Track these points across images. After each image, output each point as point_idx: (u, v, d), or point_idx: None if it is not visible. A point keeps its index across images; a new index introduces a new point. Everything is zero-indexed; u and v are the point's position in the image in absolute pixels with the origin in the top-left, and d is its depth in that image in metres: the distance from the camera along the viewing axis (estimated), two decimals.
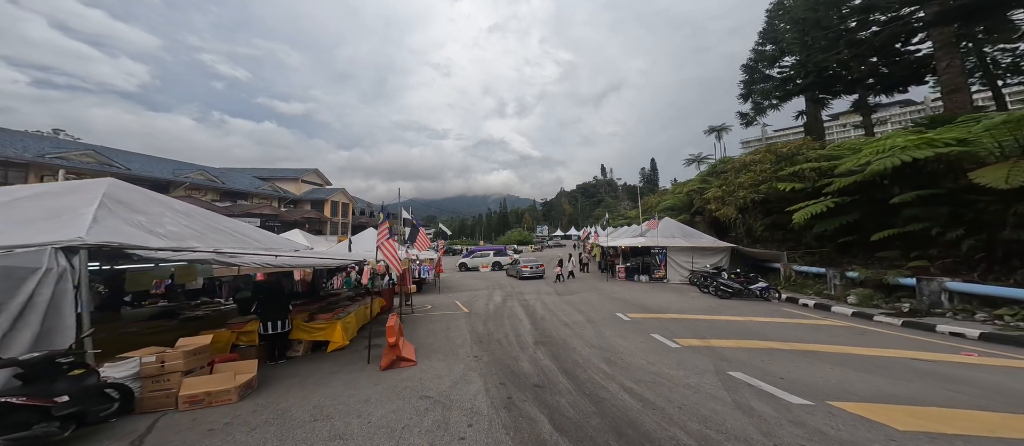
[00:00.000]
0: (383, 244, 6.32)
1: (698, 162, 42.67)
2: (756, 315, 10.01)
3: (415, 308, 12.87)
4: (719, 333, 7.97)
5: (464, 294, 16.33)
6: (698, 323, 9.07)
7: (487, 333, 8.60)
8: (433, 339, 8.15)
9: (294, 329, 6.80)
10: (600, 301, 12.93)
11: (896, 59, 25.44)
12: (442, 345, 7.62)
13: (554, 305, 12.34)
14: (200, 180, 28.25)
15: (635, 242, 19.12)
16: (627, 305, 11.90)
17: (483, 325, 9.51)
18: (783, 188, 14.88)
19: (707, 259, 17.22)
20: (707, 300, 12.68)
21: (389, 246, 6.39)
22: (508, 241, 60.79)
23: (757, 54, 34.48)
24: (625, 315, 10.32)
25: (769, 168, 15.73)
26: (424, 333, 8.79)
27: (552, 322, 9.65)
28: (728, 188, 17.98)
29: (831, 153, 15.00)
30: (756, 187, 16.01)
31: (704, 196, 22.70)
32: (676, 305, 11.72)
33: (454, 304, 13.47)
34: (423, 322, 10.19)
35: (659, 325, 8.93)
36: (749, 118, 35.06)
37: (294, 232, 16.19)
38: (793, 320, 9.44)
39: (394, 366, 5.94)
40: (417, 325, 9.81)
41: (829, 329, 8.42)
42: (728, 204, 17.49)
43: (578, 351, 6.91)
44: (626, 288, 16.10)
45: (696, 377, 5.34)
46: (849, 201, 12.62)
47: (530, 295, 14.94)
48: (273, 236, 8.05)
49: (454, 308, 12.55)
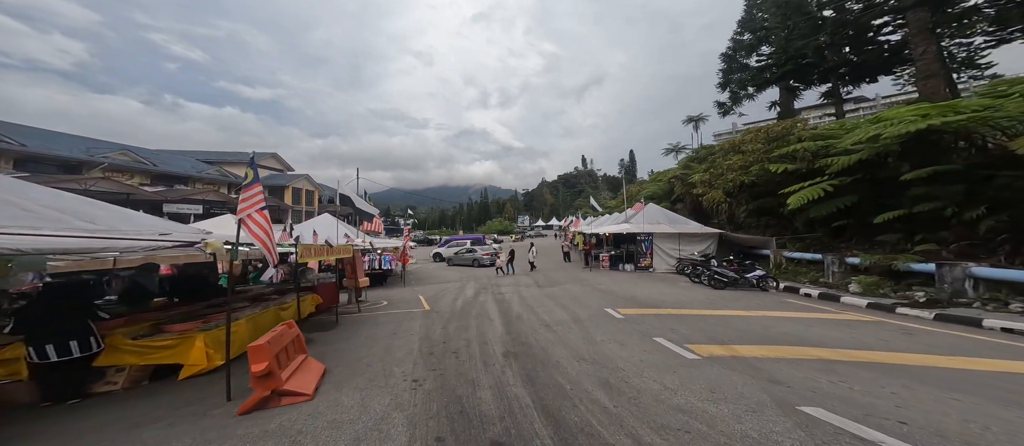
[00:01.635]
0: (250, 217, 3.88)
1: (676, 152, 42.03)
2: (764, 308, 8.38)
3: (367, 305, 10.45)
4: (738, 335, 6.15)
5: (432, 287, 14.01)
6: (705, 321, 7.26)
7: (444, 340, 6.39)
8: (364, 352, 5.85)
9: (111, 350, 4.33)
10: (585, 294, 11.02)
11: (869, 47, 25.08)
12: (373, 362, 5.35)
13: (533, 300, 10.30)
14: (123, 161, 23.95)
15: (619, 229, 17.39)
16: (616, 298, 10.04)
17: (442, 328, 7.29)
18: (775, 170, 13.47)
19: (695, 246, 15.74)
20: (701, 291, 11.04)
21: (258, 221, 3.92)
22: (488, 231, 58.46)
23: (735, 43, 33.61)
24: (616, 311, 8.42)
25: (760, 149, 14.31)
26: (358, 342, 6.47)
27: (529, 322, 7.57)
28: (716, 171, 16.53)
29: (826, 132, 13.73)
30: (746, 169, 14.59)
31: (687, 181, 21.34)
32: (670, 297, 9.97)
33: (417, 299, 11.15)
34: (366, 325, 7.83)
35: (660, 324, 7.05)
36: (726, 107, 34.26)
37: (226, 218, 13.18)
38: (808, 314, 7.83)
39: (265, 406, 3.65)
40: (356, 329, 7.45)
41: (863, 327, 6.79)
42: (716, 188, 16.04)
43: (563, 368, 4.86)
44: (611, 278, 14.33)
45: (755, 420, 3.32)
46: (848, 182, 11.29)
47: (507, 288, 12.84)
48: (136, 216, 5.45)
49: (415, 305, 10.24)
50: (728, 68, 34.38)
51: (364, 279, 10.73)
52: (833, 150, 12.31)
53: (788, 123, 14.89)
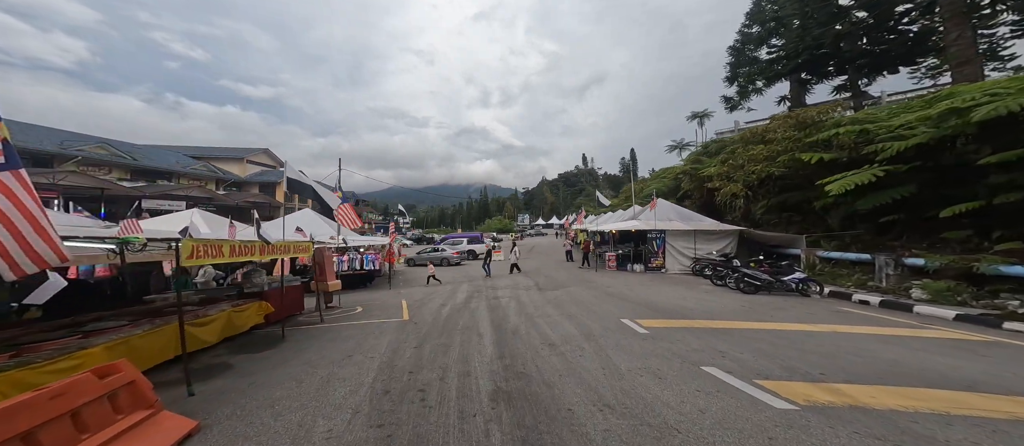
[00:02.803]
0: None
1: (680, 149, 40.22)
2: (820, 320, 6.57)
3: (336, 313, 8.67)
4: (827, 365, 4.27)
5: (420, 290, 12.23)
6: (758, 339, 5.45)
7: (412, 369, 4.60)
8: (287, 391, 3.99)
9: None
10: (594, 299, 9.22)
11: (890, 36, 23.26)
12: (288, 411, 3.52)
13: (534, 307, 8.50)
14: (100, 155, 22.23)
15: (627, 225, 15.59)
16: (632, 305, 8.24)
17: (416, 347, 5.50)
18: (807, 159, 11.65)
19: (712, 245, 13.94)
20: (730, 297, 9.24)
21: None
22: (488, 229, 56.70)
23: (744, 36, 31.83)
24: (636, 322, 6.63)
25: (791, 136, 12.49)
26: (289, 372, 4.64)
27: (529, 340, 5.77)
28: (735, 163, 14.72)
29: (865, 117, 11.92)
30: (772, 160, 12.77)
31: (698, 175, 19.52)
32: (697, 305, 8.17)
33: (398, 305, 9.36)
34: (319, 342, 6.02)
35: (699, 342, 5.26)
36: (734, 102, 32.47)
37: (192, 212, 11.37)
38: (886, 329, 5.98)
39: None
40: (302, 349, 5.62)
41: (992, 351, 4.88)
42: (735, 180, 14.23)
43: (580, 425, 3.05)
44: (621, 280, 12.52)
45: None
46: (904, 170, 9.48)
47: (504, 291, 11.04)
48: None
49: (393, 312, 8.46)
50: (736, 61, 32.57)
51: (335, 282, 8.96)
52: (879, 136, 10.49)
53: (823, 106, 13.07)
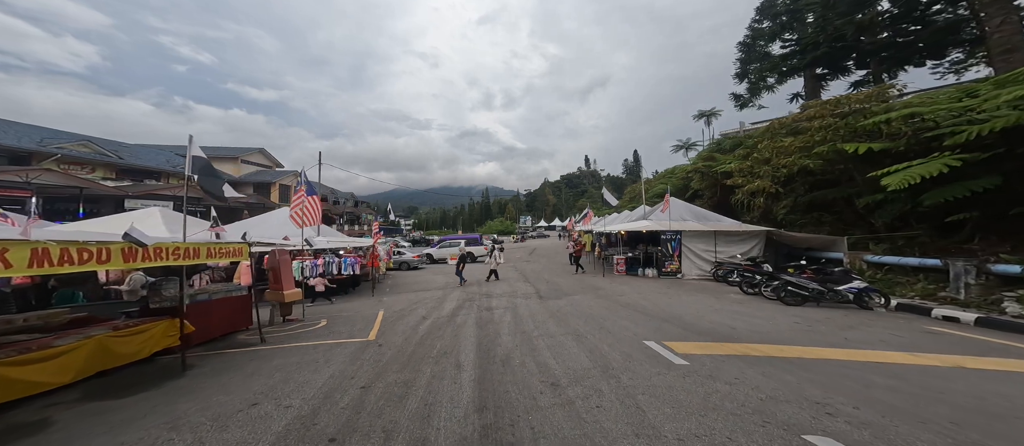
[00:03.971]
0: None
1: (686, 148, 38.44)
2: (929, 347, 4.75)
3: (291, 328, 6.99)
4: (1017, 436, 2.61)
5: (405, 297, 10.56)
6: (856, 375, 3.60)
7: (335, 436, 2.84)
8: None
9: None
10: (606, 311, 7.47)
11: (918, 26, 21.45)
12: None
13: (533, 321, 6.77)
14: (82, 153, 20.86)
15: (640, 226, 13.84)
16: (654, 320, 6.49)
17: (362, 388, 3.74)
18: (851, 149, 9.88)
19: (735, 247, 12.16)
20: (770, 308, 7.46)
21: None
22: (488, 231, 55.02)
23: (754, 32, 30.16)
24: (666, 347, 4.90)
25: (833, 124, 10.71)
26: (133, 435, 2.95)
27: (524, 377, 4.03)
28: (760, 157, 12.96)
29: (926, 100, 10.14)
30: (808, 150, 11.00)
31: (712, 172, 17.77)
32: (736, 320, 6.39)
33: (371, 318, 7.65)
34: (229, 374, 4.24)
35: (773, 384, 3.47)
36: (744, 99, 30.77)
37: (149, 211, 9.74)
38: (1013, 362, 4.26)
39: None
40: (190, 390, 3.82)
41: None
42: (762, 177, 12.45)
43: None
44: (633, 287, 10.75)
45: None
46: (982, 158, 7.69)
47: (499, 300, 9.33)
48: None
49: (360, 328, 6.75)
50: (746, 57, 30.88)
51: (293, 291, 7.30)
52: (943, 122, 8.72)
53: (873, 90, 11.28)
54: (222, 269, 9.56)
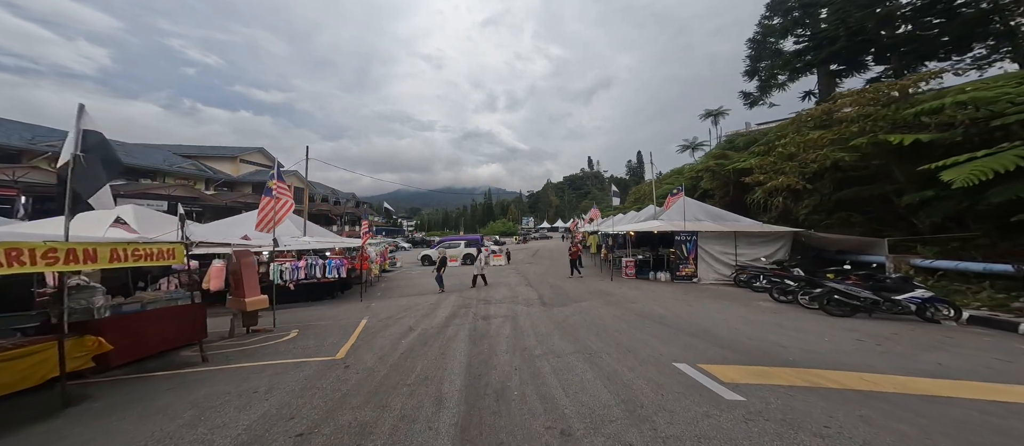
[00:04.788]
0: None
1: (693, 148, 37.13)
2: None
3: (257, 338, 5.94)
4: None
5: (396, 303, 9.49)
6: (994, 424, 2.43)
7: None
8: None
9: None
10: (622, 322, 6.32)
11: (942, 18, 20.13)
12: None
13: (536, 335, 5.63)
14: None
15: (651, 226, 12.68)
16: (681, 335, 5.33)
17: (297, 438, 2.70)
18: (896, 141, 8.66)
19: (758, 249, 10.94)
20: (813, 320, 6.26)
21: None
22: (490, 232, 53.88)
23: (765, 28, 28.95)
24: (704, 373, 3.75)
25: (875, 112, 9.48)
26: None
27: (523, 420, 2.88)
28: (784, 152, 11.74)
29: (982, 85, 8.91)
30: (843, 143, 9.78)
31: (724, 170, 16.59)
32: (778, 334, 5.20)
33: (351, 327, 6.59)
34: (118, 415, 3.08)
35: (887, 439, 2.38)
36: (754, 98, 29.50)
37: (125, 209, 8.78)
38: None
39: None
40: (50, 441, 2.79)
41: None
42: (787, 173, 11.23)
43: None
44: (648, 293, 9.58)
45: None
46: None
47: (498, 308, 8.21)
48: None
49: (334, 340, 5.67)
50: (756, 55, 29.64)
51: (256, 298, 6.25)
52: (1006, 109, 7.49)
53: (916, 77, 10.05)
54: (194, 272, 8.55)
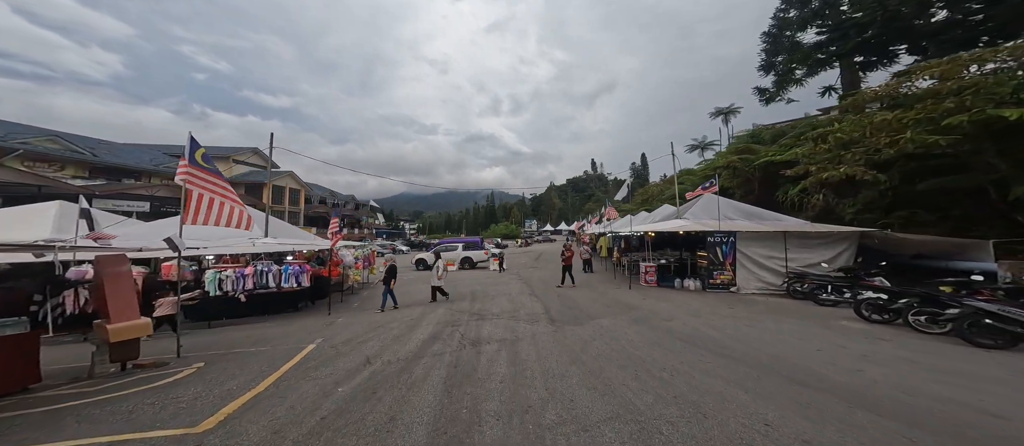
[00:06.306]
0: None
1: (702, 148, 34.94)
2: None
3: (129, 376, 3.89)
4: None
5: (367, 318, 7.42)
6: None
7: None
8: None
9: None
10: (662, 352, 4.20)
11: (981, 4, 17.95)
12: None
13: (546, 378, 3.53)
14: (50, 149, 18.58)
15: (676, 226, 10.55)
16: (765, 377, 3.18)
17: None
18: (1015, 116, 6.49)
19: (815, 254, 8.74)
20: (969, 356, 4.10)
21: None
22: (492, 235, 51.79)
23: (781, 22, 26.91)
24: None
25: (980, 83, 7.32)
26: None
27: None
28: (841, 138, 9.55)
29: None
30: (936, 122, 7.56)
31: (748, 166, 14.41)
32: (936, 384, 3.02)
33: (283, 357, 4.54)
34: None
35: None
36: (770, 93, 27.36)
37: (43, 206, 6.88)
38: None
39: None
40: None
41: None
42: (848, 163, 9.03)
43: None
44: (680, 306, 7.41)
45: None
46: None
47: (493, 328, 6.11)
48: None
49: (240, 383, 3.62)
50: (772, 48, 27.56)
51: (132, 323, 4.22)
52: None
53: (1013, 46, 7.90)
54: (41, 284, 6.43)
